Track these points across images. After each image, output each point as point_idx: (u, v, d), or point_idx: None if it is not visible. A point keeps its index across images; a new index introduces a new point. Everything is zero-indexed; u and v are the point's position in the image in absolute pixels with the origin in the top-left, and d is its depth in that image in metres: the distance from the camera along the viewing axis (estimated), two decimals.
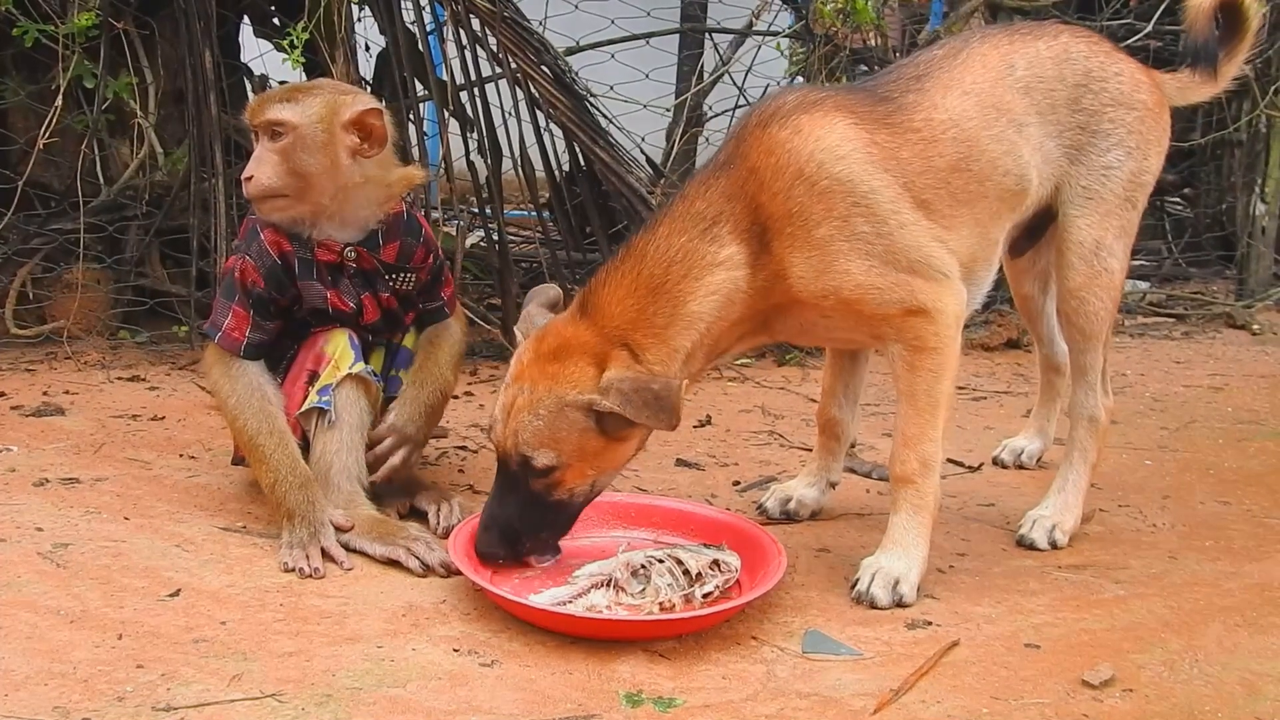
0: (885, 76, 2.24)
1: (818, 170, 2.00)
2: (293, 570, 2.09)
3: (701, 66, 5.00)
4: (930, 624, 2.00)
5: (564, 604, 1.93)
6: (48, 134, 3.52)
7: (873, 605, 2.04)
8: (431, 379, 2.43)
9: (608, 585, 1.98)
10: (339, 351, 2.33)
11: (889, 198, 2.03)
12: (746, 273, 2.03)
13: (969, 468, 2.94)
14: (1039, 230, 2.45)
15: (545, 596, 1.96)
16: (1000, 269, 2.41)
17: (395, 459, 2.34)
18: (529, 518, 2.04)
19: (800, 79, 4.74)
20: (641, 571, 2.01)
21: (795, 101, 2.08)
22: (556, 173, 3.99)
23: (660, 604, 1.95)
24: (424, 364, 2.45)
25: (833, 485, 2.55)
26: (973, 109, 2.16)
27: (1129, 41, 4.39)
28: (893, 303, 2.05)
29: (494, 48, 3.74)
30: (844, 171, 2.01)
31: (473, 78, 3.78)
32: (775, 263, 2.03)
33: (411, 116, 3.83)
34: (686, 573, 2.01)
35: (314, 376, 2.32)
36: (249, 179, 2.25)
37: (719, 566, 2.04)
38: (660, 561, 2.02)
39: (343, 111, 2.26)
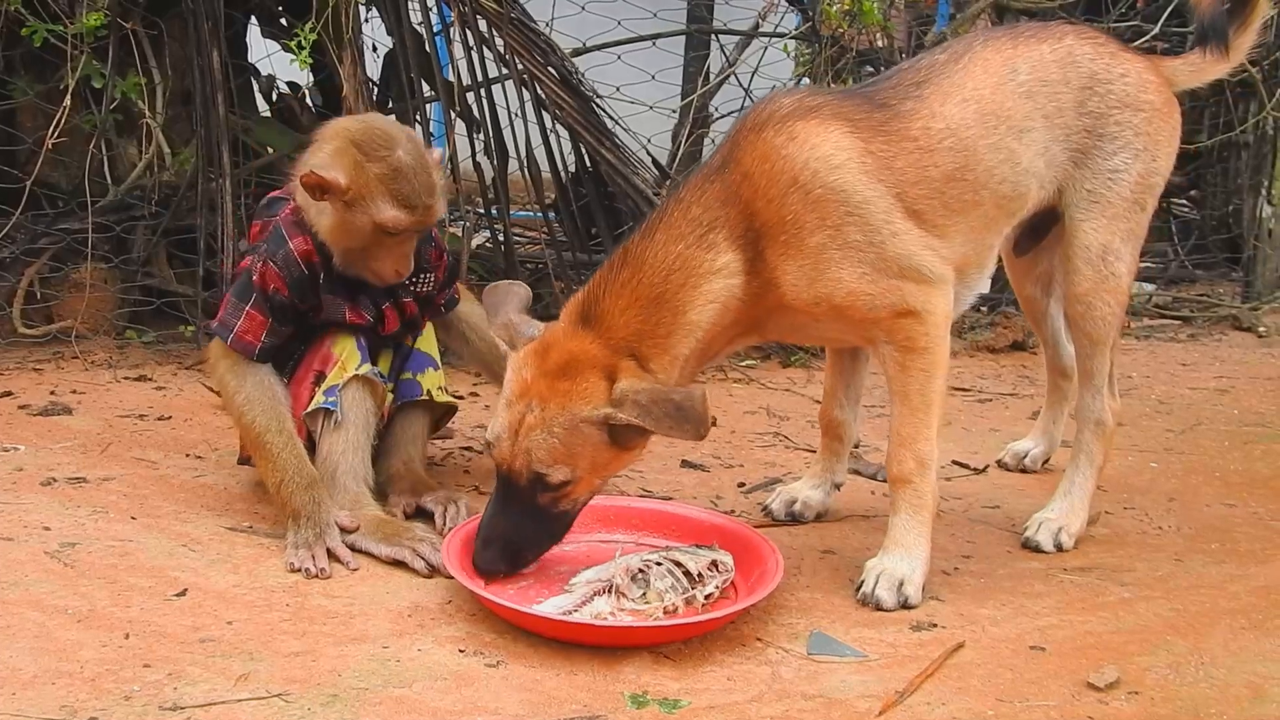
0: (885, 81, 2.22)
1: (812, 179, 1.99)
2: (299, 570, 2.09)
3: (708, 68, 5.00)
4: (935, 626, 2.00)
5: (568, 613, 1.92)
6: (56, 134, 3.52)
7: (878, 607, 2.05)
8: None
9: (608, 591, 1.97)
10: (346, 352, 2.34)
11: (882, 208, 2.03)
12: (742, 279, 2.02)
13: (974, 470, 2.94)
14: (1042, 229, 2.44)
15: (548, 605, 1.95)
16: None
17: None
18: (530, 529, 2.03)
19: (807, 80, 4.74)
20: (640, 575, 2.00)
21: (791, 106, 2.06)
22: (562, 173, 4.00)
23: (664, 608, 1.94)
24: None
25: (837, 486, 2.55)
26: (972, 117, 2.14)
27: (1136, 43, 4.38)
28: (883, 307, 2.05)
29: (501, 49, 3.74)
30: (838, 181, 2.00)
31: (479, 79, 3.79)
32: (768, 269, 2.03)
33: (418, 117, 3.83)
34: (687, 574, 2.00)
35: (320, 377, 2.33)
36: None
37: (717, 567, 2.04)
38: (658, 564, 2.01)
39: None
